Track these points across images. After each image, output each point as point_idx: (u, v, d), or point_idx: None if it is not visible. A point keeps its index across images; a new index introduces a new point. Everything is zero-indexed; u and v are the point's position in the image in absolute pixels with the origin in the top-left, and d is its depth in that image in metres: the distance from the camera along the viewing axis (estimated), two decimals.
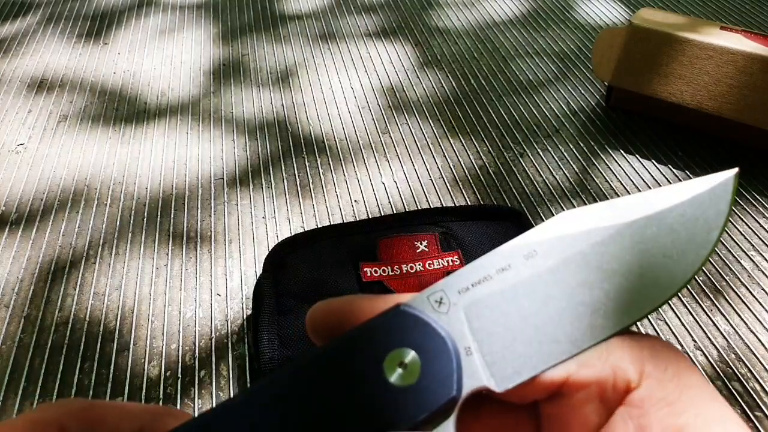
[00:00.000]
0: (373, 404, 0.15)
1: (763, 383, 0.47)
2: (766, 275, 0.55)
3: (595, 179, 0.65)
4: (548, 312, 0.17)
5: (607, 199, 0.63)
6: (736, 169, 0.17)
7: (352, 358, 0.16)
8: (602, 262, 0.17)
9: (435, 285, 0.17)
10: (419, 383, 0.16)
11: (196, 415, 0.18)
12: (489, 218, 0.53)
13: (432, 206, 0.61)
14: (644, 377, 0.16)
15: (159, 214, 0.61)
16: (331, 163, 0.68)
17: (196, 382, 0.45)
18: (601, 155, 0.69)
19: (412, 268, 0.49)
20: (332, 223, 0.60)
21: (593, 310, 0.17)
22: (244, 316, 0.51)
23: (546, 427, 0.17)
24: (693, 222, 0.17)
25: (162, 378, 0.46)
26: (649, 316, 0.52)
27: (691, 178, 0.66)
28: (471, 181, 0.65)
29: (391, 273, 0.49)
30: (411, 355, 0.16)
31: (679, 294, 0.53)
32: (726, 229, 0.59)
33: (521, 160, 0.68)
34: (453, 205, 0.61)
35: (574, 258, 0.17)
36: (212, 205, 0.62)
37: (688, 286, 0.54)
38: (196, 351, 0.48)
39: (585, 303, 0.17)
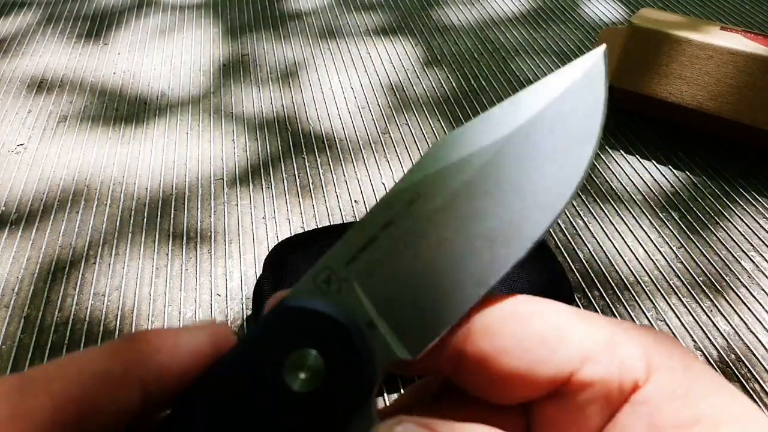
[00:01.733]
0: (283, 422, 0.14)
1: (763, 383, 0.47)
2: (766, 275, 0.55)
3: (595, 179, 0.65)
4: (445, 256, 0.15)
5: (607, 199, 0.63)
6: (603, 46, 0.16)
7: (247, 376, 0.14)
8: (489, 186, 0.15)
9: (319, 262, 0.15)
10: (327, 382, 0.14)
11: None
12: None
13: None
14: (653, 371, 0.14)
15: (159, 214, 0.61)
16: (331, 163, 0.68)
17: None
18: (601, 155, 0.69)
19: None
20: (332, 223, 0.60)
21: (491, 241, 0.15)
22: (244, 317, 0.51)
23: (537, 428, 0.15)
24: (572, 116, 0.16)
25: None
26: (648, 316, 0.52)
27: (691, 178, 0.66)
28: None
29: None
30: (312, 355, 0.14)
31: (678, 294, 0.53)
32: (725, 228, 0.59)
33: None
34: None
35: (459, 191, 0.15)
36: (212, 205, 0.62)
37: (688, 286, 0.54)
38: None
39: (481, 236, 0.15)
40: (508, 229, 0.15)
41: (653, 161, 0.68)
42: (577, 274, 0.55)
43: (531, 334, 0.15)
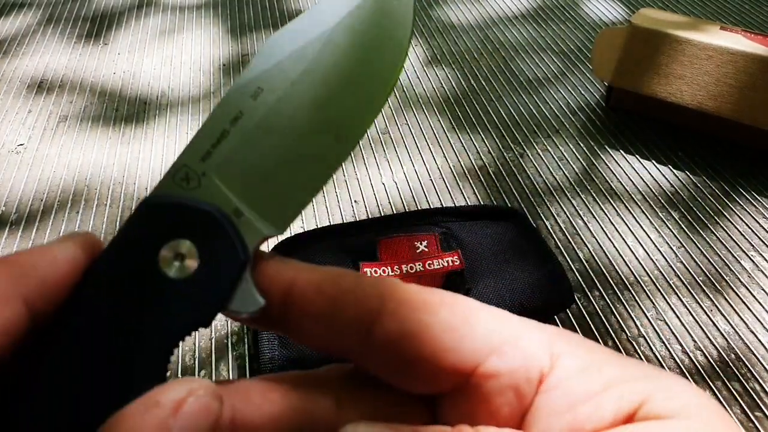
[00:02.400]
0: (165, 309, 0.15)
1: (763, 383, 0.47)
2: (766, 275, 0.55)
3: (595, 179, 0.65)
4: (294, 141, 0.17)
5: (607, 199, 0.63)
6: None
7: (124, 272, 0.15)
8: (324, 74, 0.17)
9: (175, 162, 0.16)
10: (202, 266, 0.15)
11: None
12: (489, 218, 0.53)
13: (432, 206, 0.61)
14: (556, 358, 0.15)
15: None
16: None
17: (196, 372, 0.45)
18: (601, 155, 0.69)
19: (412, 268, 0.49)
20: (332, 223, 0.60)
21: (333, 123, 0.17)
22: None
23: (446, 416, 0.16)
24: (389, 6, 0.17)
25: None
26: (648, 316, 0.52)
27: (691, 178, 0.66)
28: (471, 181, 0.65)
29: (391, 273, 0.49)
30: (183, 244, 0.15)
31: (678, 294, 0.53)
32: (725, 228, 0.59)
33: (521, 161, 0.68)
34: (453, 205, 0.61)
35: (297, 80, 0.17)
36: None
37: (688, 286, 0.54)
38: (196, 351, 0.48)
39: (323, 119, 0.17)
40: (347, 111, 0.17)
41: (653, 161, 0.68)
42: (577, 274, 0.55)
43: (438, 323, 0.15)
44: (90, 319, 0.15)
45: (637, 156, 0.69)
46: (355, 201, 0.62)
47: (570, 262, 0.56)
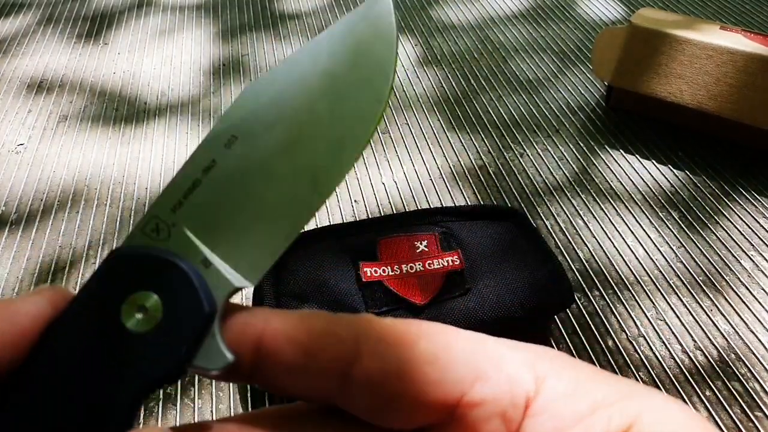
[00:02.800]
0: (127, 362, 0.14)
1: (763, 383, 0.47)
2: (766, 275, 0.55)
3: (595, 179, 0.65)
4: (268, 188, 0.16)
5: (607, 199, 0.63)
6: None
7: (86, 325, 0.15)
8: (301, 119, 0.16)
9: (145, 213, 0.16)
10: (166, 319, 0.15)
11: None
12: (489, 218, 0.53)
13: (432, 206, 0.61)
14: (541, 380, 0.15)
15: None
16: None
17: (196, 382, 0.45)
18: (601, 155, 0.69)
19: (412, 268, 0.49)
20: (332, 223, 0.60)
21: (307, 170, 0.16)
22: None
23: None
24: (369, 53, 0.17)
25: None
26: (648, 316, 0.52)
27: (691, 177, 0.66)
28: (471, 180, 0.65)
29: (391, 273, 0.49)
30: (147, 296, 0.15)
31: (678, 294, 0.53)
32: (725, 228, 0.59)
33: (521, 160, 0.68)
34: (453, 205, 0.61)
35: (274, 126, 0.16)
36: None
37: (688, 286, 0.54)
38: None
39: (298, 166, 0.16)
40: (324, 158, 0.16)
41: (653, 161, 0.68)
42: (577, 274, 0.55)
43: (418, 356, 0.14)
44: (52, 371, 0.14)
45: (637, 156, 0.69)
46: (355, 201, 0.62)
47: (570, 262, 0.56)
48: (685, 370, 0.47)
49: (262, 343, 0.15)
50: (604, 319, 0.51)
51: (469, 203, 0.62)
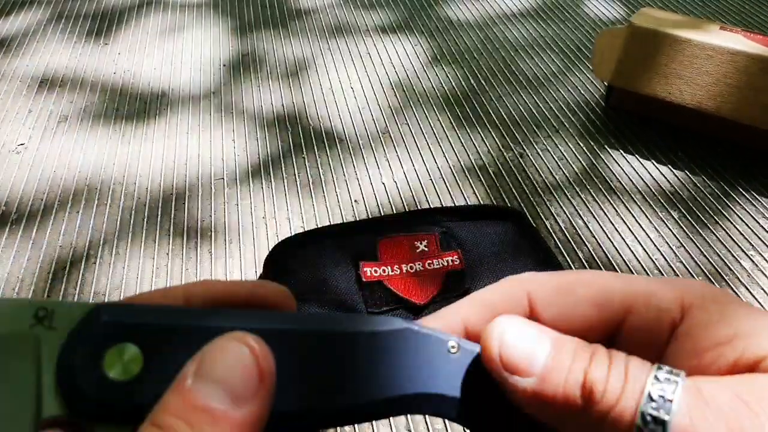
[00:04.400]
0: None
1: None
2: (765, 275, 0.55)
3: (595, 179, 0.65)
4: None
5: (607, 199, 0.63)
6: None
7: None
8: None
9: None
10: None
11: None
12: (489, 218, 0.53)
13: (432, 206, 0.61)
14: (687, 309, 0.17)
15: (159, 213, 0.62)
16: (331, 163, 0.68)
17: None
18: (601, 155, 0.69)
19: (412, 267, 0.49)
20: (332, 223, 0.60)
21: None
22: None
23: None
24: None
25: None
26: None
27: (690, 178, 0.66)
28: (471, 180, 0.65)
29: (391, 273, 0.49)
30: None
31: None
32: (725, 228, 0.59)
33: (521, 160, 0.68)
34: (453, 205, 0.61)
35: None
36: (212, 205, 0.62)
37: None
38: None
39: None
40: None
41: (653, 161, 0.68)
42: None
43: (579, 301, 0.18)
44: None
45: (637, 156, 0.69)
46: (355, 201, 0.62)
47: (570, 262, 0.56)
48: None
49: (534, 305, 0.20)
50: None
51: (469, 203, 0.62)
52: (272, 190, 0.64)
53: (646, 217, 0.61)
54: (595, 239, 0.58)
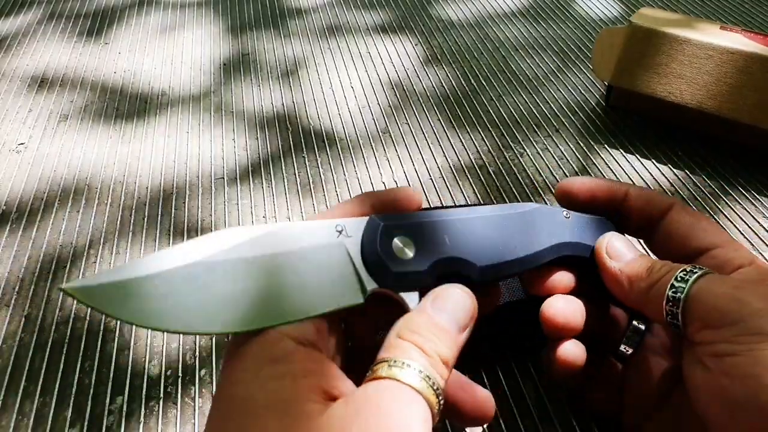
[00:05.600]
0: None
1: None
2: None
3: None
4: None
5: None
6: None
7: None
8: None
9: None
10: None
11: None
12: None
13: (432, 206, 0.61)
14: (753, 264, 0.30)
15: (159, 213, 0.62)
16: (331, 162, 0.68)
17: (197, 381, 0.46)
18: (601, 155, 0.69)
19: None
20: None
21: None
22: None
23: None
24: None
25: (162, 377, 0.46)
26: None
27: (690, 177, 0.66)
28: (471, 180, 0.65)
29: None
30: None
31: None
32: (725, 227, 0.59)
33: (521, 160, 0.68)
34: (453, 204, 0.62)
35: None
36: (212, 204, 0.62)
37: None
38: (197, 350, 0.48)
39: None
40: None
41: (653, 160, 0.68)
42: None
43: (685, 230, 0.33)
44: None
45: (637, 155, 0.69)
46: None
47: None
48: None
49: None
50: None
51: (469, 203, 0.62)
52: (272, 189, 0.64)
53: None
54: None
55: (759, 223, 0.60)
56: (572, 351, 0.33)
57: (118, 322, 0.50)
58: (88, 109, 0.78)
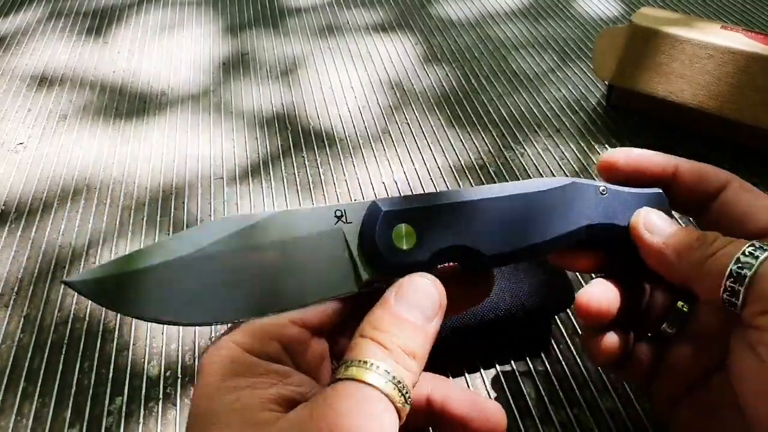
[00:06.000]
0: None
1: None
2: None
3: (595, 179, 0.65)
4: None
5: None
6: None
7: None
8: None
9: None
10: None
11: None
12: None
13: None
14: (726, 184, 0.35)
15: (158, 213, 0.61)
16: (331, 162, 0.68)
17: (197, 381, 0.45)
18: (601, 154, 0.69)
19: None
20: None
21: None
22: None
23: None
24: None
25: (162, 377, 0.46)
26: None
27: None
28: (471, 180, 0.65)
29: None
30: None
31: None
32: None
33: (521, 160, 0.68)
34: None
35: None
36: (212, 204, 0.62)
37: None
38: (196, 350, 0.48)
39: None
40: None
41: None
42: (577, 274, 0.55)
43: (743, 209, 0.32)
44: None
45: None
46: (355, 200, 0.62)
47: None
48: None
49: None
50: None
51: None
52: (272, 190, 0.64)
53: None
54: None
55: None
56: (607, 341, 0.32)
57: (118, 323, 0.50)
58: (87, 109, 0.78)
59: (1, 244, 0.58)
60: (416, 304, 0.25)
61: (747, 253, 0.26)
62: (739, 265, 0.25)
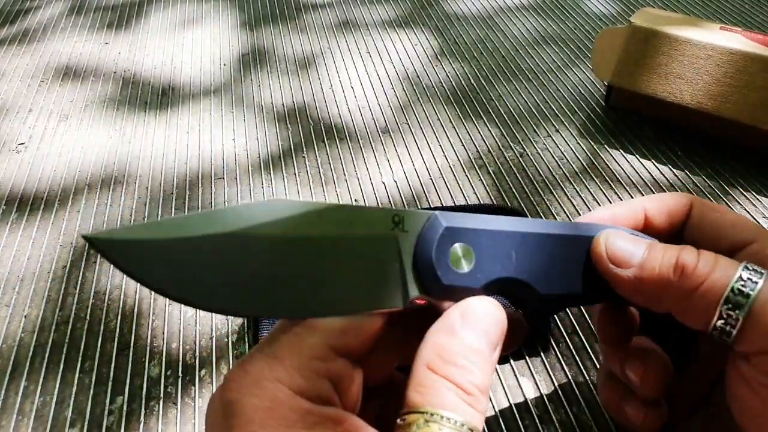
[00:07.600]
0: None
1: None
2: None
3: (595, 179, 0.65)
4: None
5: (607, 199, 0.63)
6: None
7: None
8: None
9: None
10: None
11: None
12: None
13: (433, 205, 0.61)
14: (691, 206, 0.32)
15: (160, 213, 0.62)
16: (331, 162, 0.68)
17: (197, 381, 0.46)
18: (601, 155, 0.69)
19: None
20: None
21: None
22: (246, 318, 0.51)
23: None
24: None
25: (163, 377, 0.46)
26: None
27: (690, 177, 0.66)
28: (471, 180, 0.65)
29: None
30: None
31: None
32: None
33: (521, 160, 0.68)
34: (453, 204, 0.62)
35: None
36: (213, 204, 0.62)
37: None
38: (197, 350, 0.48)
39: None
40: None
41: (653, 160, 0.68)
42: None
43: (712, 230, 0.29)
44: None
45: (637, 155, 0.69)
46: (355, 200, 0.62)
47: None
48: None
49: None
50: None
51: (470, 202, 0.62)
52: (272, 189, 0.64)
53: None
54: None
55: (759, 223, 0.60)
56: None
57: (118, 322, 0.50)
58: (88, 110, 0.78)
59: (2, 244, 0.58)
60: (485, 332, 0.22)
61: (736, 291, 0.23)
62: (729, 306, 0.23)
